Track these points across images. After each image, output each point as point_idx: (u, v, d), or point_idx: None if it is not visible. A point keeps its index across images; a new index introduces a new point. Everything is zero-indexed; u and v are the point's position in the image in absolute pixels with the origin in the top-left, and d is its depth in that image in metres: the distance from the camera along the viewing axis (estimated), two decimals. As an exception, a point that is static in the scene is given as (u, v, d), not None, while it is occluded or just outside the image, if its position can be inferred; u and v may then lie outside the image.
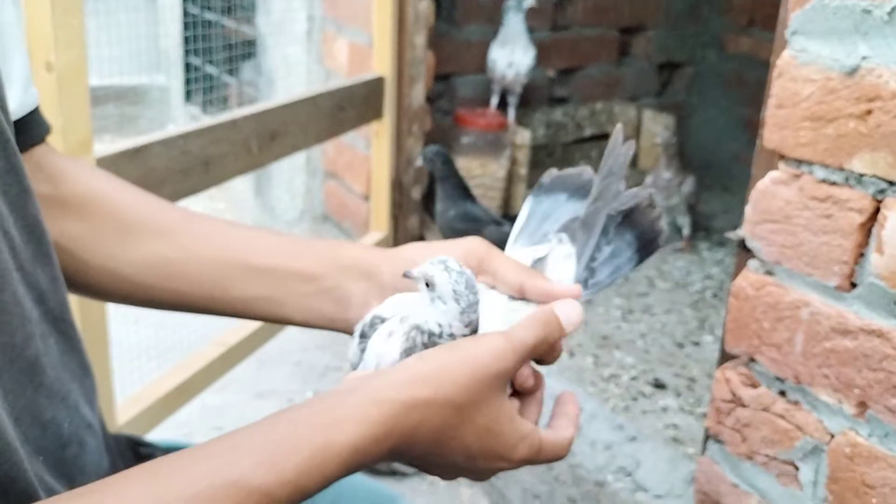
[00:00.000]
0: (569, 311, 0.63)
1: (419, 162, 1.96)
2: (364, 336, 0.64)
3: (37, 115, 0.70)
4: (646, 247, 0.74)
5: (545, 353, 0.62)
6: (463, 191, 2.01)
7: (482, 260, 0.68)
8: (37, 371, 0.58)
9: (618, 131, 0.72)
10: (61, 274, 0.65)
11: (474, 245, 0.69)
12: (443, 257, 0.61)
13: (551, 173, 0.78)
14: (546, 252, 0.71)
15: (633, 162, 2.85)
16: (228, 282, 0.70)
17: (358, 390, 0.54)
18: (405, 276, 0.62)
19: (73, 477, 0.62)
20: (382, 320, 0.64)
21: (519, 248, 0.72)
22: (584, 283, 0.70)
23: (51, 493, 0.57)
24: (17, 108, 0.65)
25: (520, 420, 0.59)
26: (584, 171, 0.76)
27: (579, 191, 0.76)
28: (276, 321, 0.72)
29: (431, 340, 0.61)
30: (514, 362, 0.58)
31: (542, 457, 0.61)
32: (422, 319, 0.61)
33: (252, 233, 0.73)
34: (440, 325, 0.60)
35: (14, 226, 0.58)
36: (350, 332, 0.68)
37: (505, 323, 0.63)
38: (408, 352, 0.60)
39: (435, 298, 0.60)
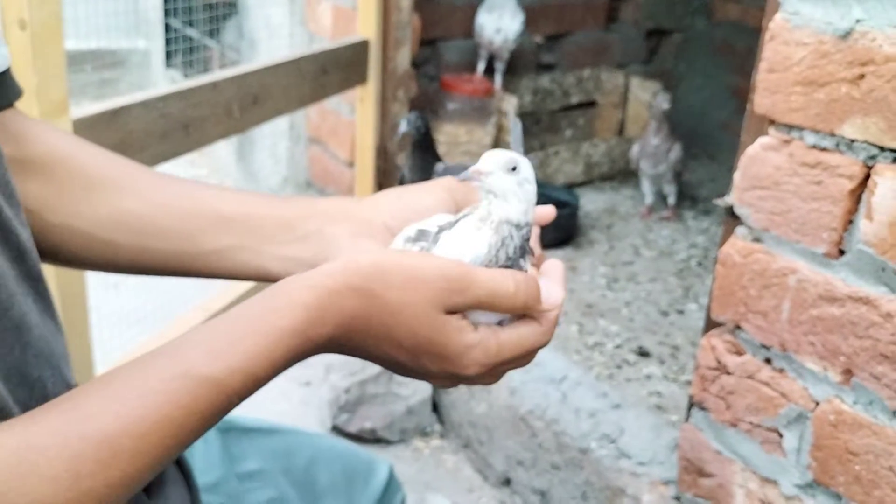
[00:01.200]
0: (552, 290, 0.60)
1: (403, 127, 1.93)
2: (422, 238, 0.60)
3: (7, 78, 0.67)
4: None
5: (512, 308, 0.58)
6: (433, 159, 1.96)
7: (464, 196, 0.67)
8: (22, 330, 0.57)
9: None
10: (32, 236, 0.64)
11: (451, 183, 0.67)
12: (496, 150, 0.58)
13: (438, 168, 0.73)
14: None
15: (620, 129, 2.84)
16: (199, 233, 0.68)
17: (295, 278, 0.55)
18: (465, 178, 0.57)
19: None
20: (428, 231, 0.60)
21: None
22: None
23: None
24: None
25: (467, 331, 0.57)
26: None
27: None
28: (253, 277, 0.70)
29: (525, 234, 0.57)
30: (462, 295, 0.56)
31: (506, 355, 0.58)
32: (513, 212, 0.57)
33: (223, 189, 0.72)
34: (526, 212, 0.57)
35: None
36: None
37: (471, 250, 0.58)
38: (503, 245, 0.57)
39: (524, 182, 0.57)
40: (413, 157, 1.95)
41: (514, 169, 0.57)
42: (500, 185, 0.57)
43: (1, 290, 0.55)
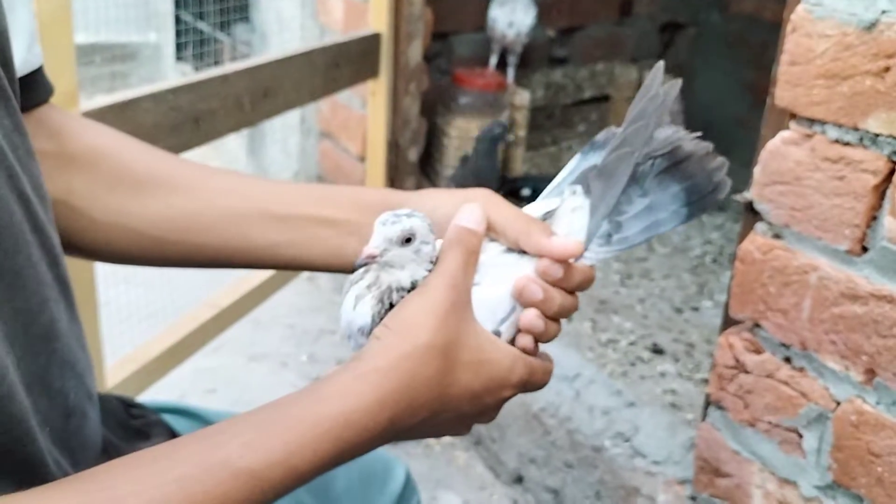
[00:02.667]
0: (470, 213, 0.60)
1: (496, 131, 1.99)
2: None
3: (40, 76, 0.67)
4: (698, 201, 0.65)
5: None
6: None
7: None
8: (51, 338, 0.56)
9: (657, 69, 0.65)
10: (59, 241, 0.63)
11: (476, 195, 0.66)
12: (401, 211, 0.59)
13: (609, 130, 0.70)
14: (556, 205, 0.65)
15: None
16: (249, 231, 0.68)
17: (339, 370, 0.53)
18: (356, 267, 0.59)
19: (74, 451, 0.60)
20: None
21: (535, 204, 0.67)
22: (608, 237, 0.64)
23: (57, 466, 0.55)
24: (19, 66, 0.61)
25: (501, 342, 0.59)
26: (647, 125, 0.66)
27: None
28: (299, 267, 0.71)
29: (401, 295, 0.58)
30: (460, 285, 0.57)
31: (535, 379, 0.61)
32: (405, 279, 0.58)
33: (270, 184, 0.72)
34: (429, 271, 0.58)
35: (28, 186, 0.55)
36: None
37: (489, 275, 0.61)
38: (384, 312, 0.58)
39: (420, 246, 0.58)
40: (477, 160, 1.98)
41: (408, 240, 0.57)
42: (396, 261, 0.58)
43: (32, 297, 0.53)
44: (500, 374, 0.58)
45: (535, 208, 0.66)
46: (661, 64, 0.65)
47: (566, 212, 0.64)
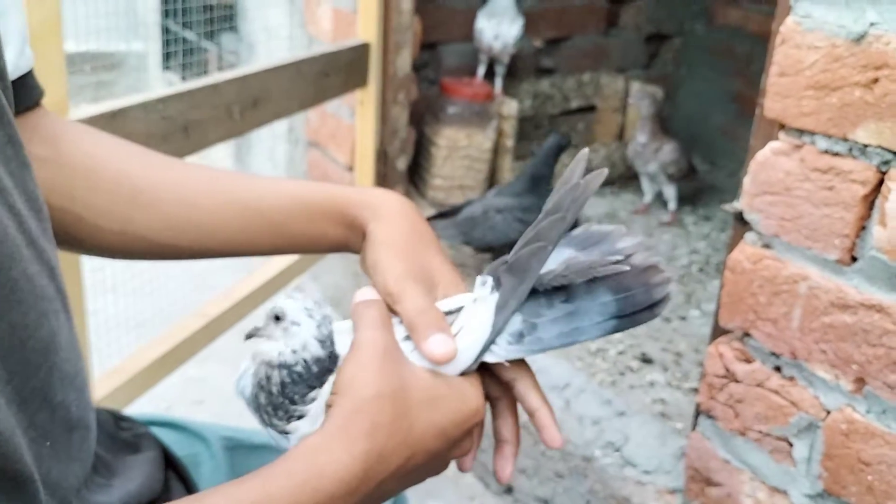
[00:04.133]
0: (364, 292, 0.63)
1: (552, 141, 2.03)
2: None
3: (30, 79, 0.68)
4: (630, 316, 0.59)
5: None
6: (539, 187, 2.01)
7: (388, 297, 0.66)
8: (51, 351, 0.55)
9: (580, 158, 0.61)
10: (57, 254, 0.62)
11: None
12: (292, 292, 0.62)
13: (588, 226, 0.65)
14: (465, 301, 0.62)
15: (620, 134, 2.83)
16: (255, 235, 0.71)
17: (301, 442, 0.55)
18: (248, 337, 0.62)
19: (83, 461, 0.59)
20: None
21: (457, 296, 0.64)
22: (519, 336, 0.60)
23: (56, 485, 0.54)
24: (11, 70, 0.61)
25: (446, 374, 0.59)
26: (617, 229, 0.63)
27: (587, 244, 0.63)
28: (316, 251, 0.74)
29: (291, 373, 0.59)
30: (381, 335, 0.58)
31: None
32: (273, 353, 0.60)
33: (269, 184, 0.73)
34: (294, 352, 0.59)
35: (19, 200, 0.55)
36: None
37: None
38: (258, 385, 0.60)
39: (289, 326, 0.59)
40: (536, 168, 2.02)
41: (277, 318, 0.60)
42: (270, 334, 0.60)
43: (30, 311, 0.53)
44: (457, 403, 0.59)
45: (446, 303, 0.63)
46: (584, 153, 0.62)
47: (469, 303, 0.62)
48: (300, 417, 0.59)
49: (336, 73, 1.88)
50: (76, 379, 0.59)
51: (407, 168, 2.28)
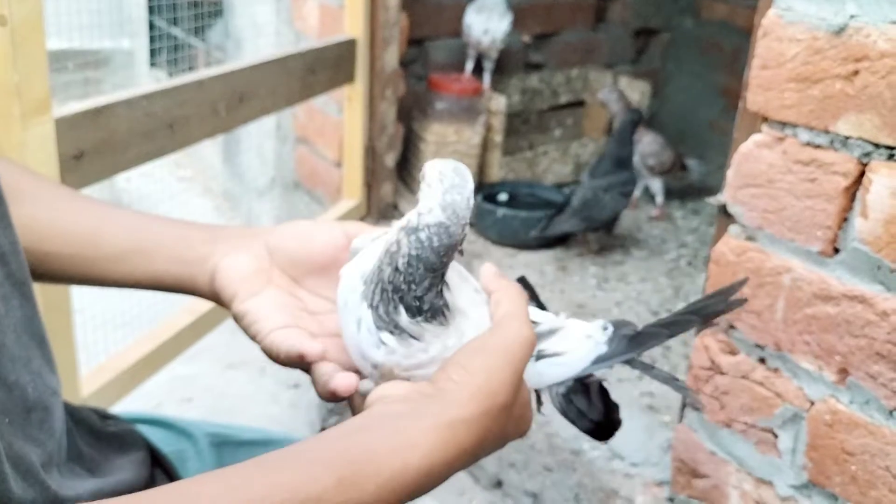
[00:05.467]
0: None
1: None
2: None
3: None
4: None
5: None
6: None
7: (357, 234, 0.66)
8: None
9: (739, 284, 0.78)
10: (19, 238, 0.62)
11: (351, 227, 0.67)
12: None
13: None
14: (565, 324, 0.72)
15: (608, 129, 2.83)
16: (100, 239, 0.68)
17: (425, 413, 0.52)
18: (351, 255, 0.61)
19: (42, 441, 0.59)
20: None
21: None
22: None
23: (19, 458, 0.54)
24: None
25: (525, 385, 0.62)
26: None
27: None
28: (148, 285, 0.70)
29: (418, 241, 0.55)
30: (529, 340, 0.58)
31: None
32: (404, 221, 0.57)
33: (126, 209, 0.73)
34: (419, 214, 0.56)
35: None
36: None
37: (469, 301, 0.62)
38: (388, 253, 0.56)
39: (424, 187, 0.56)
40: (617, 150, 2.18)
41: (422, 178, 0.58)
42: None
43: None
44: (527, 424, 0.61)
45: (548, 317, 0.71)
46: (744, 280, 0.86)
47: (577, 333, 0.71)
48: (418, 313, 0.57)
49: (323, 69, 1.88)
50: (31, 363, 0.59)
51: (395, 164, 2.27)
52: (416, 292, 0.56)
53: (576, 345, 0.66)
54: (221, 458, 0.85)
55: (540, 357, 0.67)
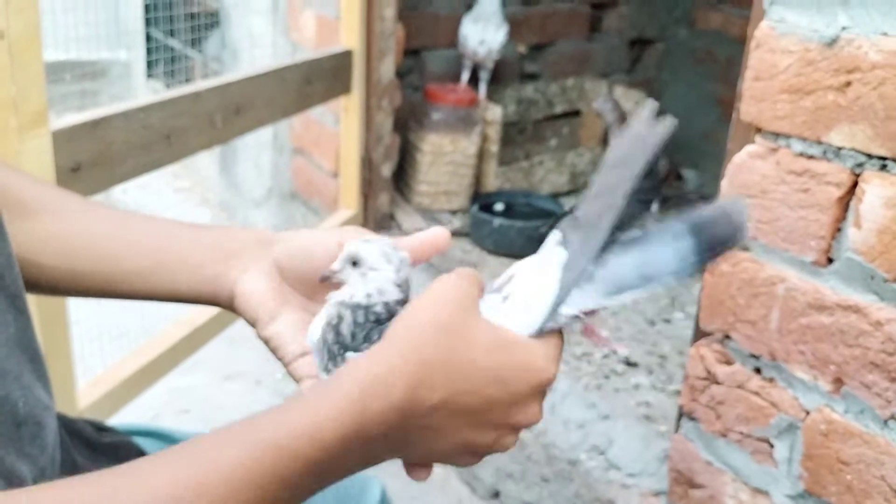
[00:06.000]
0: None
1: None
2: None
3: None
4: (711, 245, 0.56)
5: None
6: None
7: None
8: None
9: (647, 107, 0.58)
10: (14, 252, 0.62)
11: (349, 235, 0.67)
12: (361, 238, 0.61)
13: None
14: (524, 265, 0.60)
15: (604, 138, 2.84)
16: (121, 255, 0.69)
17: (345, 372, 0.53)
18: (323, 279, 0.61)
19: (34, 456, 0.59)
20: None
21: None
22: (589, 278, 0.56)
23: (10, 473, 0.54)
24: None
25: (512, 332, 0.56)
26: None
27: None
28: (171, 298, 0.71)
29: (367, 314, 0.59)
30: (460, 286, 0.56)
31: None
32: (346, 295, 0.60)
33: (146, 217, 0.72)
34: (369, 295, 0.59)
35: None
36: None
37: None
38: (329, 325, 0.59)
39: (366, 271, 0.59)
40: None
41: (355, 263, 0.60)
42: (347, 278, 0.61)
43: None
44: (522, 356, 0.55)
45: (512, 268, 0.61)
46: (652, 103, 0.59)
47: (528, 266, 0.59)
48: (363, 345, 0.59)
49: (319, 80, 1.89)
50: (21, 377, 0.59)
51: (392, 174, 2.28)
52: (359, 342, 0.59)
53: (535, 273, 0.58)
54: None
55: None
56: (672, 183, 2.50)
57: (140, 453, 0.82)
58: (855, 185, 0.88)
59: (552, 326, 0.57)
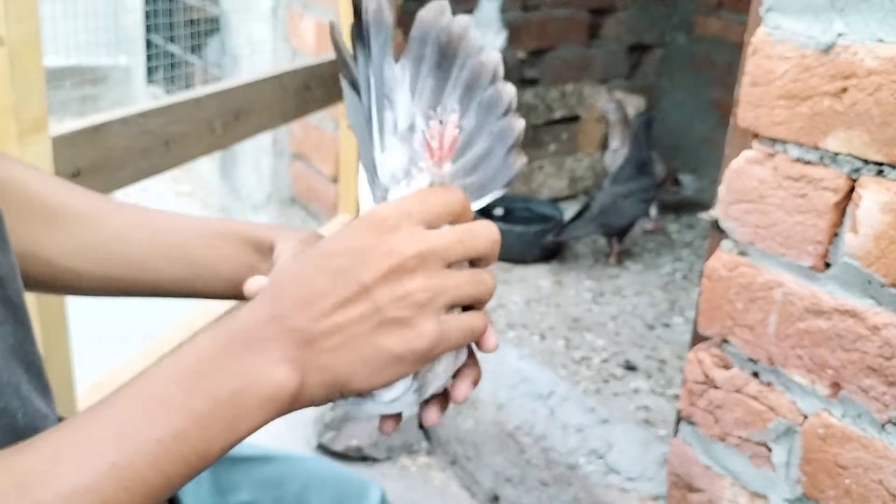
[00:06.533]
0: None
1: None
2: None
3: None
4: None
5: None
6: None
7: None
8: None
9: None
10: (16, 261, 0.63)
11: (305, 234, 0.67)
12: None
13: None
14: None
15: (603, 144, 2.84)
16: (157, 262, 0.69)
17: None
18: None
19: None
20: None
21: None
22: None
23: None
24: None
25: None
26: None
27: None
28: (208, 295, 0.71)
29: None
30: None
31: (444, 236, 0.52)
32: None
33: (178, 218, 0.73)
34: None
35: None
36: None
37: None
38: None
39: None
40: (637, 154, 2.21)
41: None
42: None
43: None
44: (360, 220, 0.52)
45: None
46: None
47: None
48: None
49: (319, 85, 1.89)
50: (20, 388, 0.59)
51: (391, 179, 2.28)
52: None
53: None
54: (217, 475, 0.85)
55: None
56: (669, 188, 2.50)
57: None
58: (852, 190, 0.88)
59: (384, 185, 0.58)
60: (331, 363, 0.50)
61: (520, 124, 0.59)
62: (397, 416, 0.59)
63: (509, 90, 0.59)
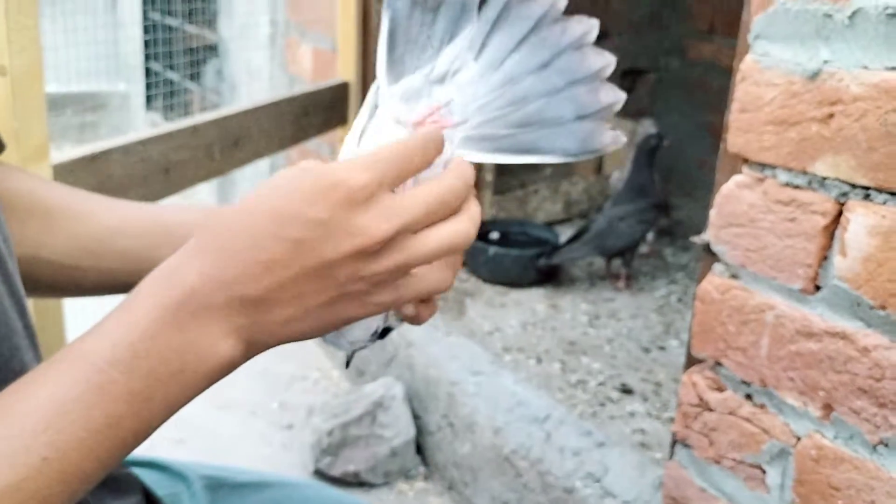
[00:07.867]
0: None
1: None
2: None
3: None
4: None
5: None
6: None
7: None
8: None
9: None
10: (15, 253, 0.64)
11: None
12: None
13: None
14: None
15: (598, 167, 2.87)
16: (154, 250, 0.69)
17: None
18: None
19: None
20: None
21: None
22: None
23: None
24: None
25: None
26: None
27: None
28: None
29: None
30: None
31: (413, 209, 0.50)
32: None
33: (174, 206, 0.73)
34: None
35: None
36: None
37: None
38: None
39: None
40: (637, 176, 2.22)
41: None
42: None
43: (5, 341, 0.54)
44: (325, 174, 0.49)
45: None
46: None
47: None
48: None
49: (316, 112, 1.92)
50: (12, 336, 0.60)
51: (388, 204, 2.30)
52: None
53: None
54: (216, 501, 0.86)
55: None
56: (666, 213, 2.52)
57: (140, 485, 0.82)
58: (840, 214, 0.90)
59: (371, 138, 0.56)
60: (280, 331, 0.49)
61: (609, 95, 0.57)
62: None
63: (599, 60, 0.58)
